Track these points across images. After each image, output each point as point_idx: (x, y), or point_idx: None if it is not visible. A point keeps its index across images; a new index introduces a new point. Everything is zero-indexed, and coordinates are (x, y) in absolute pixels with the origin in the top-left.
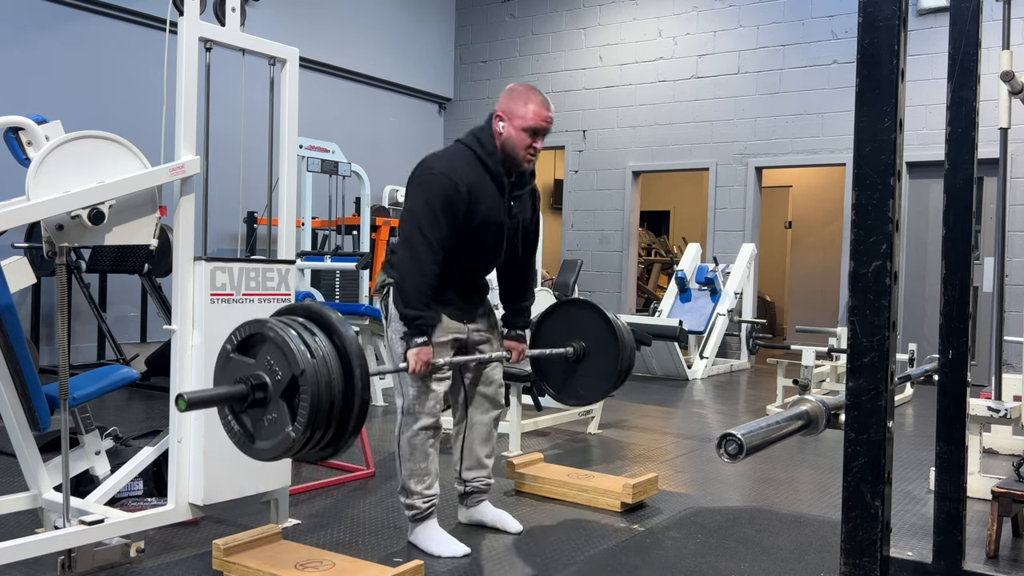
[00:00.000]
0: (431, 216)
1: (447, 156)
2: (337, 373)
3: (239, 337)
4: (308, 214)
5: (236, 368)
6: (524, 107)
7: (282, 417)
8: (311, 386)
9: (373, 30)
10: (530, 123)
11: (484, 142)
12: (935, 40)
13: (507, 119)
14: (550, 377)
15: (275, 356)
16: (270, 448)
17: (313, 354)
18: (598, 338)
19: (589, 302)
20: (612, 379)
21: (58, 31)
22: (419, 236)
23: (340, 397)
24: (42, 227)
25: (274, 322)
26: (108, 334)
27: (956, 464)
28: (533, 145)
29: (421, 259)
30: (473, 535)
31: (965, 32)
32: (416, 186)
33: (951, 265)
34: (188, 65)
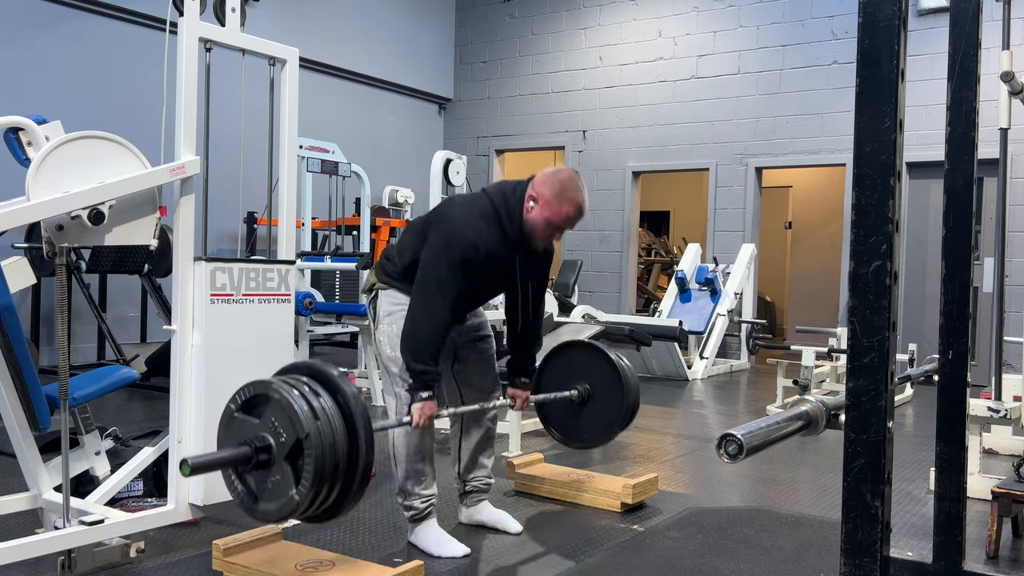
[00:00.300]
0: (451, 276)
1: (472, 215)
2: (341, 435)
3: (243, 397)
4: (308, 214)
5: (240, 428)
6: (558, 204)
7: (286, 479)
8: (315, 450)
9: (373, 30)
10: (557, 221)
11: (512, 210)
12: (935, 40)
13: (538, 204)
14: (554, 420)
15: (279, 418)
16: (274, 511)
17: (317, 416)
18: (602, 380)
19: (592, 344)
20: (617, 421)
21: (58, 31)
22: (438, 295)
23: (344, 460)
24: (42, 227)
25: (278, 383)
26: (108, 334)
27: (956, 464)
28: (552, 237)
29: (437, 317)
30: (473, 535)
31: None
32: (443, 242)
33: (951, 265)
34: (188, 65)
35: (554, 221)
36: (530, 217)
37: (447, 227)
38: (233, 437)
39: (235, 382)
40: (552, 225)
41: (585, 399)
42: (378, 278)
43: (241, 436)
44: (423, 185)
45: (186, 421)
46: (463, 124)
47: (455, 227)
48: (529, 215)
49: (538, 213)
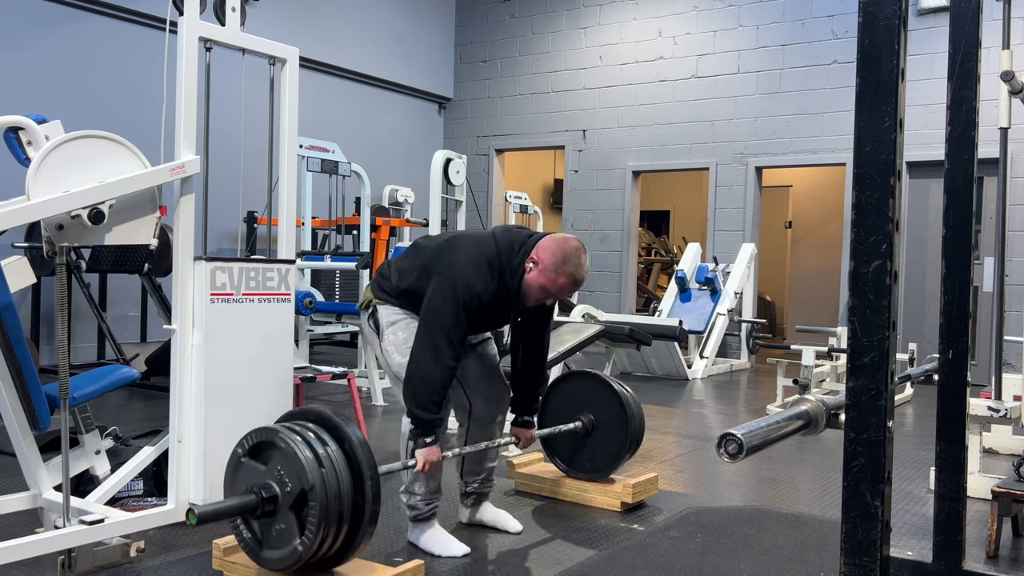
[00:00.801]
0: (455, 320)
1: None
2: (347, 484)
3: (250, 443)
4: (308, 214)
5: (247, 473)
6: (555, 273)
7: (290, 529)
8: (320, 500)
9: (373, 30)
10: (550, 288)
11: (515, 268)
12: (935, 40)
13: (537, 269)
14: (559, 452)
15: (285, 466)
16: (277, 560)
17: (323, 464)
18: (606, 410)
19: (595, 374)
20: (622, 450)
21: (58, 31)
22: (445, 342)
23: (349, 508)
24: (42, 227)
25: (284, 431)
26: (108, 334)
27: (956, 464)
28: (545, 301)
29: (443, 363)
30: (473, 535)
31: (965, 32)
32: (449, 291)
33: (951, 265)
34: (188, 65)
35: (548, 288)
36: (527, 278)
37: (453, 274)
38: (240, 483)
39: (235, 382)
40: (546, 291)
41: (590, 430)
42: (375, 294)
43: (248, 482)
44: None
45: (186, 420)
46: (463, 123)
47: (459, 274)
48: (527, 276)
49: (535, 277)
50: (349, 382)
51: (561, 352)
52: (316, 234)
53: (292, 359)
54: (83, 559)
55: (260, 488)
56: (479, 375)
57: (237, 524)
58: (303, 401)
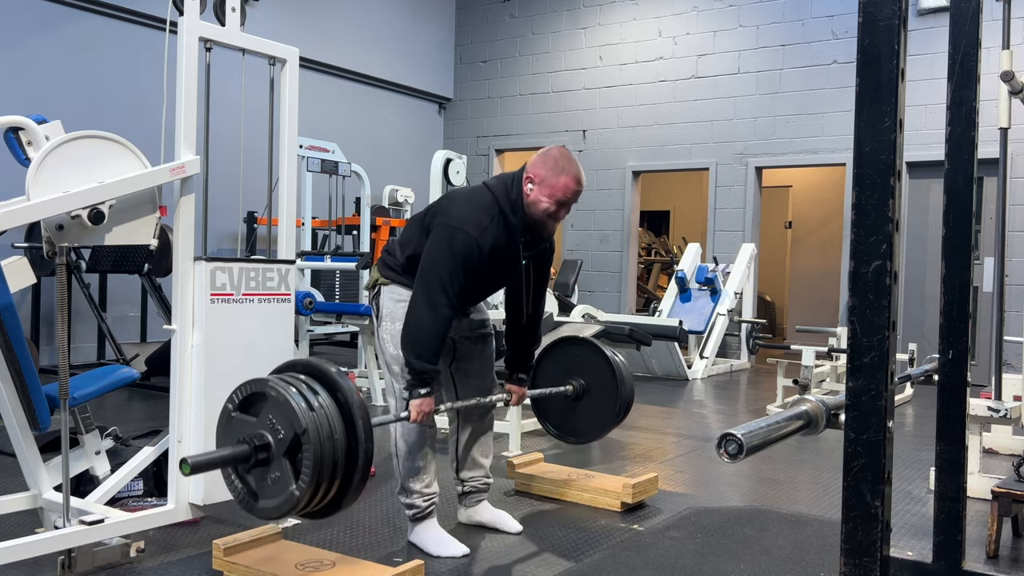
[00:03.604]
0: (454, 272)
1: (473, 209)
2: (339, 428)
3: (240, 396)
4: (308, 214)
5: (238, 427)
6: (555, 178)
7: (285, 476)
8: (314, 444)
9: (373, 30)
10: (559, 195)
11: (513, 201)
12: (935, 40)
13: (536, 184)
14: (549, 415)
15: (277, 414)
16: (274, 507)
17: (314, 410)
18: (597, 376)
19: (588, 340)
20: (611, 417)
21: (58, 31)
22: (441, 292)
23: (343, 453)
24: (42, 227)
25: (275, 380)
26: (108, 334)
27: (956, 464)
28: (557, 213)
29: (440, 315)
30: (473, 535)
31: (965, 32)
32: (444, 236)
33: (951, 265)
34: (188, 65)
35: (557, 196)
36: (531, 200)
37: (449, 223)
38: (231, 436)
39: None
40: (555, 201)
41: (580, 395)
42: (380, 273)
43: (239, 435)
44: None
45: (186, 421)
46: (463, 124)
47: (457, 224)
48: (530, 198)
49: (538, 194)
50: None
51: None
52: (316, 234)
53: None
54: (83, 559)
55: (252, 437)
56: (473, 370)
57: (231, 477)
58: None
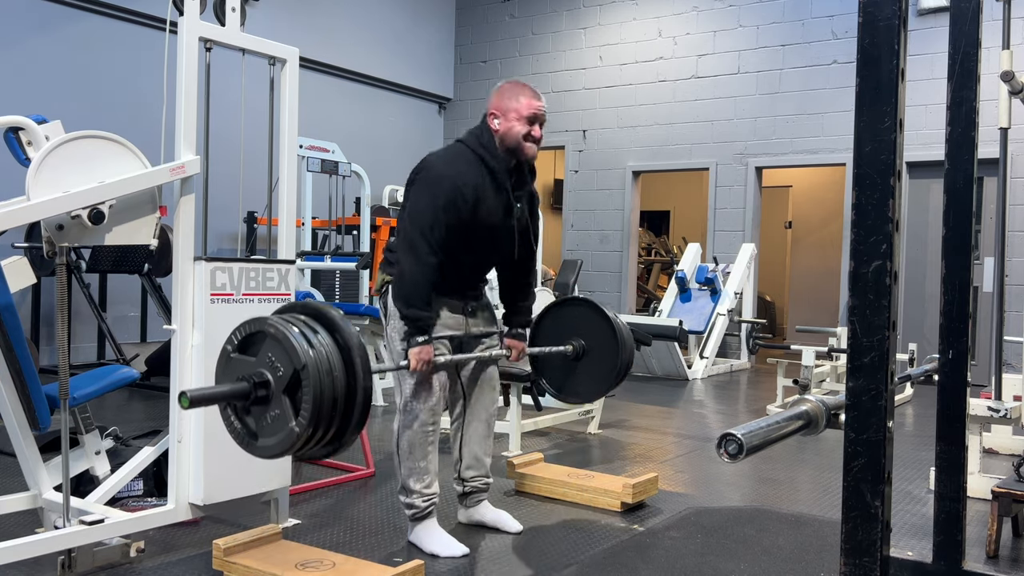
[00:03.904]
0: (433, 218)
1: (450, 157)
2: (339, 366)
3: (239, 336)
4: (308, 214)
5: (237, 368)
6: (516, 100)
7: (285, 413)
8: (313, 379)
9: (373, 30)
10: (525, 113)
11: (485, 142)
12: (935, 40)
13: (501, 115)
14: (550, 375)
15: (276, 352)
16: (274, 445)
17: (314, 348)
18: (597, 336)
19: (588, 300)
20: (611, 377)
21: (58, 31)
22: (420, 238)
23: (343, 389)
24: (42, 227)
25: (274, 319)
26: (108, 334)
27: (956, 464)
28: (531, 133)
29: (422, 260)
30: (473, 535)
31: (965, 32)
32: (419, 186)
33: (951, 265)
34: (188, 65)
35: (524, 114)
36: (502, 132)
37: (425, 174)
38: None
39: None
40: (524, 120)
41: (580, 355)
42: (385, 272)
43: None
44: None
45: (186, 420)
46: (463, 124)
47: (432, 171)
48: (501, 130)
49: (505, 122)
50: None
51: None
52: (316, 234)
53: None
54: (83, 559)
55: (252, 375)
56: (480, 379)
57: (230, 418)
58: None
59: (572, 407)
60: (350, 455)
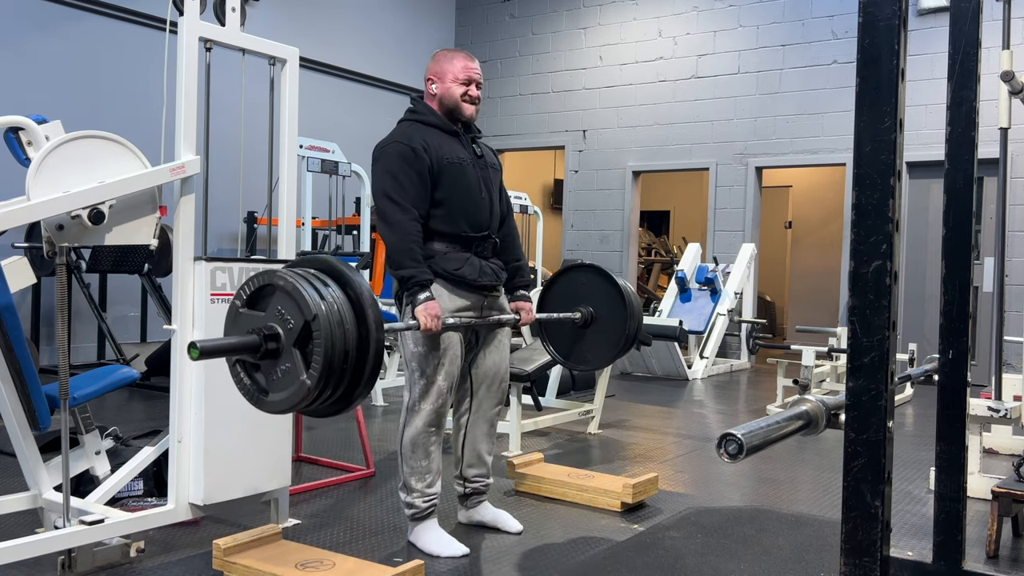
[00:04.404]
0: (394, 181)
1: (393, 132)
2: (350, 318)
3: (248, 291)
4: (308, 214)
5: (246, 322)
6: (451, 63)
7: (296, 366)
8: (324, 331)
9: (373, 30)
10: (460, 75)
11: (419, 109)
12: (935, 40)
13: (438, 80)
14: (557, 342)
15: (286, 305)
16: (284, 399)
17: (325, 300)
18: (606, 303)
19: (597, 267)
20: (619, 344)
21: (58, 31)
22: (388, 203)
23: (354, 342)
24: (42, 227)
25: (284, 271)
26: (108, 334)
27: (956, 464)
28: (468, 92)
29: (397, 221)
30: (473, 535)
31: (965, 32)
32: (374, 164)
33: (951, 265)
34: (188, 65)
35: (460, 77)
36: (440, 94)
37: (377, 153)
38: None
39: None
40: (460, 82)
41: (588, 322)
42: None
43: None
44: None
45: (186, 421)
46: None
47: (380, 146)
48: (438, 94)
49: (442, 85)
50: None
51: None
52: (316, 234)
53: None
54: (83, 559)
55: (262, 328)
56: (488, 374)
57: (240, 375)
58: None
59: (572, 407)
60: (350, 455)
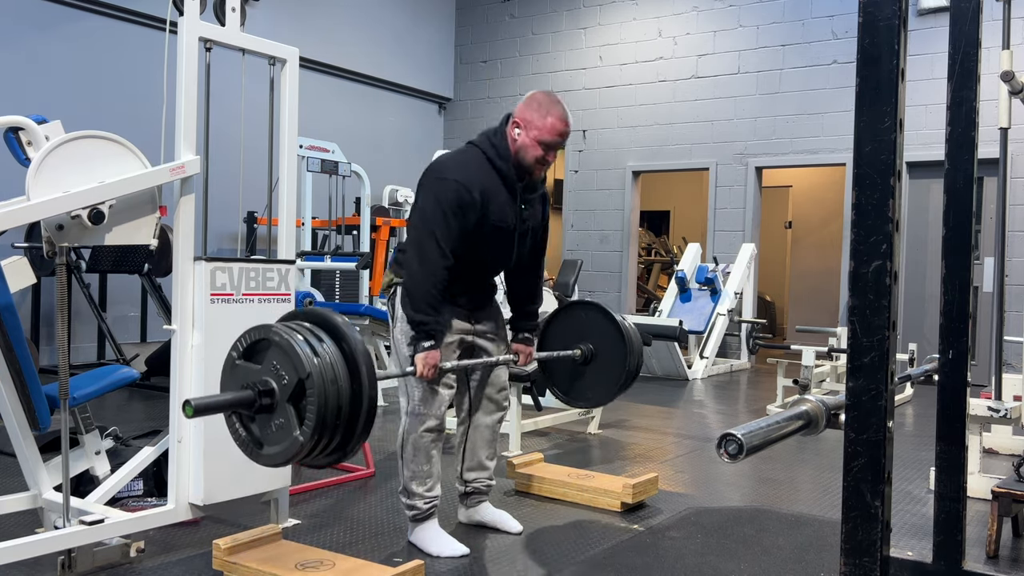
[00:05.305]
0: (443, 222)
1: (460, 161)
2: (343, 374)
3: (244, 343)
4: (308, 214)
5: (242, 375)
6: (543, 119)
7: (289, 422)
8: (318, 388)
9: (373, 30)
10: (546, 137)
11: (498, 147)
12: (935, 40)
13: (524, 128)
14: (558, 379)
15: (281, 360)
16: (278, 453)
17: (319, 356)
18: (606, 340)
19: (596, 304)
20: (620, 381)
21: (58, 31)
22: (431, 241)
23: (347, 398)
24: (42, 227)
25: (279, 327)
26: (108, 334)
27: (956, 464)
28: (546, 158)
29: (432, 264)
30: (473, 535)
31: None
32: (428, 189)
33: (951, 265)
34: (188, 65)
35: (544, 139)
36: (520, 144)
37: (433, 176)
38: (236, 384)
39: None
40: (543, 144)
41: (588, 359)
42: (394, 272)
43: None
44: None
45: (186, 421)
46: (463, 123)
47: (440, 174)
48: (518, 143)
49: (525, 138)
50: None
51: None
52: (316, 234)
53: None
54: (83, 559)
55: (256, 383)
56: (488, 383)
57: (235, 426)
58: None
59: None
60: None
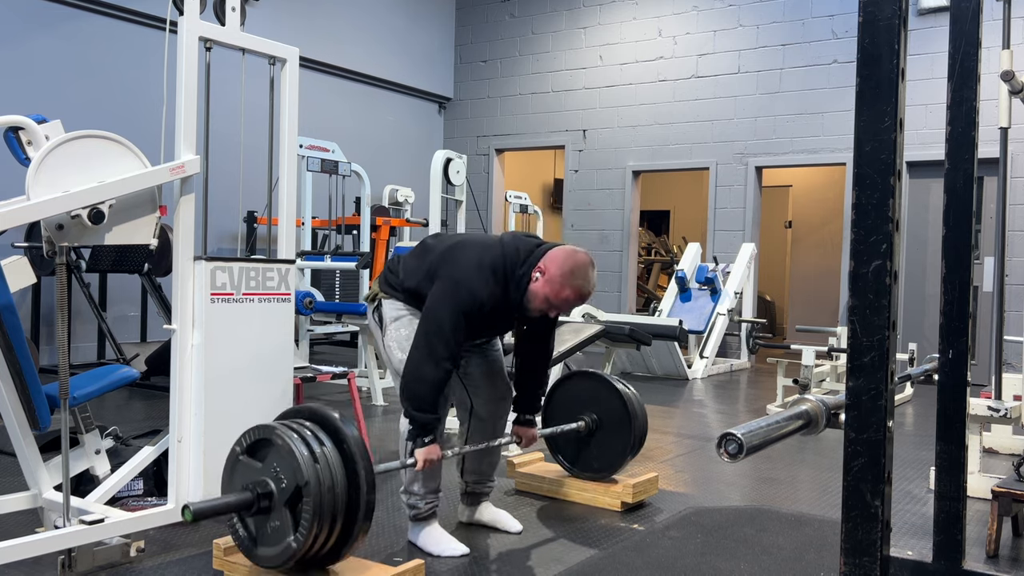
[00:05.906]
0: (456, 327)
1: (484, 270)
2: (341, 480)
3: (248, 441)
4: (308, 214)
5: (244, 471)
6: (560, 286)
7: (285, 525)
8: (314, 496)
9: (373, 30)
10: (555, 301)
11: (519, 277)
12: (935, 40)
13: (543, 279)
14: (563, 451)
15: (281, 463)
16: (272, 556)
17: (317, 461)
18: (609, 409)
19: (596, 373)
20: (626, 451)
21: (58, 31)
22: (440, 341)
23: (343, 505)
24: (42, 227)
25: (281, 428)
26: (108, 334)
27: (956, 464)
28: (548, 313)
29: (439, 361)
30: (473, 535)
31: (965, 32)
32: (450, 293)
33: (951, 265)
34: (188, 65)
35: (551, 300)
36: (533, 289)
37: (455, 278)
38: (237, 480)
39: (235, 382)
40: (548, 303)
41: (593, 429)
42: (381, 288)
43: (245, 479)
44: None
45: (186, 420)
46: (463, 123)
47: (462, 279)
48: (532, 287)
49: (539, 288)
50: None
51: (561, 352)
52: (316, 234)
53: (292, 359)
54: (83, 559)
55: (255, 485)
56: (482, 374)
57: (233, 522)
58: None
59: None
60: None
